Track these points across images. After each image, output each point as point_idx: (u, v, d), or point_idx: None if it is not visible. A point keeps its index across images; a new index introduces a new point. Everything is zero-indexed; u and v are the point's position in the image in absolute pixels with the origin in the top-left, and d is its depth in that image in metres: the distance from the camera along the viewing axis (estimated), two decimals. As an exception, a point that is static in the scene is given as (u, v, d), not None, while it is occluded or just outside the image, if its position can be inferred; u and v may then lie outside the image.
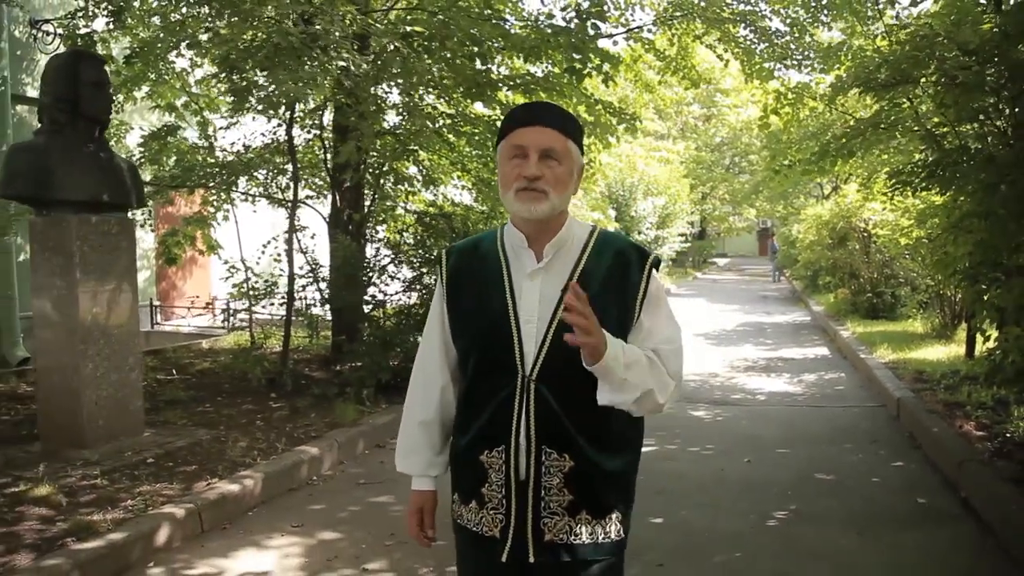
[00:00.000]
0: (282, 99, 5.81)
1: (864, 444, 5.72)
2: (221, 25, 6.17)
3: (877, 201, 11.52)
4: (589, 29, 5.92)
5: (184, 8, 6.51)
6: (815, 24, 8.67)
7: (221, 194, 8.26)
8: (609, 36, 8.24)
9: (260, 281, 7.79)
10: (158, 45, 7.20)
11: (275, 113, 6.70)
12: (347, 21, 5.52)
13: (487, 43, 5.94)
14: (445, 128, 7.07)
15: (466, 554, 1.85)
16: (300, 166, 7.64)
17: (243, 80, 6.09)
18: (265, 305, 8.08)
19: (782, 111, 9.24)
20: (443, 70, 6.08)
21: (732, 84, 27.73)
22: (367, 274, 7.36)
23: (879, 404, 7.04)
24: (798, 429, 6.20)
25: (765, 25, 8.49)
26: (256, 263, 7.81)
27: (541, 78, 6.71)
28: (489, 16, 6.11)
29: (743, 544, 3.89)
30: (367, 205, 7.97)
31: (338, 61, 5.36)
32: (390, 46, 5.64)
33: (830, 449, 5.58)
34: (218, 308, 11.44)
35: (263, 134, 7.86)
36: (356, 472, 5.09)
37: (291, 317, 7.33)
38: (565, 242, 1.76)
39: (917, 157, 6.65)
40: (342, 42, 5.38)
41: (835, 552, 3.79)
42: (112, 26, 6.93)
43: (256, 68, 5.92)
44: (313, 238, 7.80)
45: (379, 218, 8.21)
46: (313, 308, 7.66)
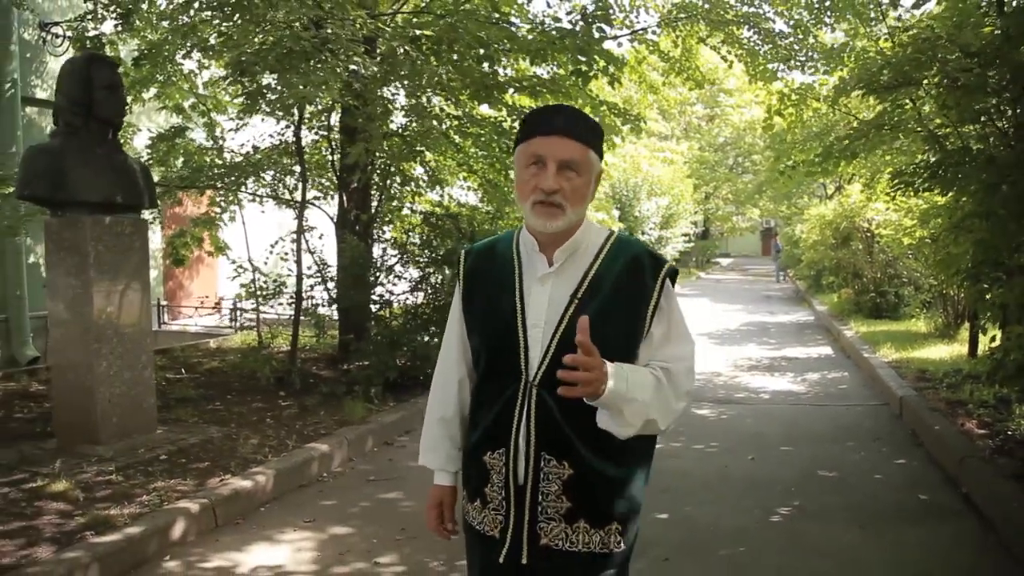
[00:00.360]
0: (293, 102, 5.88)
1: (867, 442, 5.78)
2: (230, 28, 6.24)
3: (880, 201, 11.56)
4: (594, 32, 5.98)
5: (193, 12, 6.57)
6: (818, 25, 8.72)
7: (229, 195, 8.33)
8: (614, 38, 8.31)
9: (268, 281, 7.87)
10: (166, 47, 7.29)
11: (285, 115, 6.77)
12: (357, 25, 5.59)
13: (494, 46, 6.00)
14: (452, 129, 7.14)
15: (472, 551, 1.86)
16: (307, 167, 7.72)
17: (254, 83, 6.16)
18: (273, 305, 8.15)
19: (786, 112, 9.30)
20: (450, 72, 6.14)
21: (736, 84, 27.77)
22: (374, 274, 7.44)
23: (882, 403, 7.10)
24: (801, 427, 6.25)
25: (769, 27, 8.54)
26: (264, 263, 7.88)
27: (547, 80, 6.77)
28: (496, 19, 6.17)
29: (747, 540, 3.95)
30: (374, 205, 8.05)
31: (349, 64, 5.43)
32: (400, 49, 5.70)
33: (833, 447, 5.63)
34: (225, 308, 11.53)
35: (271, 135, 7.93)
36: (365, 469, 5.16)
37: (299, 316, 7.40)
38: (578, 247, 1.73)
39: (920, 158, 6.70)
40: (351, 45, 5.45)
41: (838, 547, 3.85)
42: (120, 28, 7.01)
43: (267, 71, 5.99)
44: (321, 238, 7.87)
45: (386, 218, 8.29)
46: (320, 308, 7.72)
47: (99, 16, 7.17)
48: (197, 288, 12.28)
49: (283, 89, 5.66)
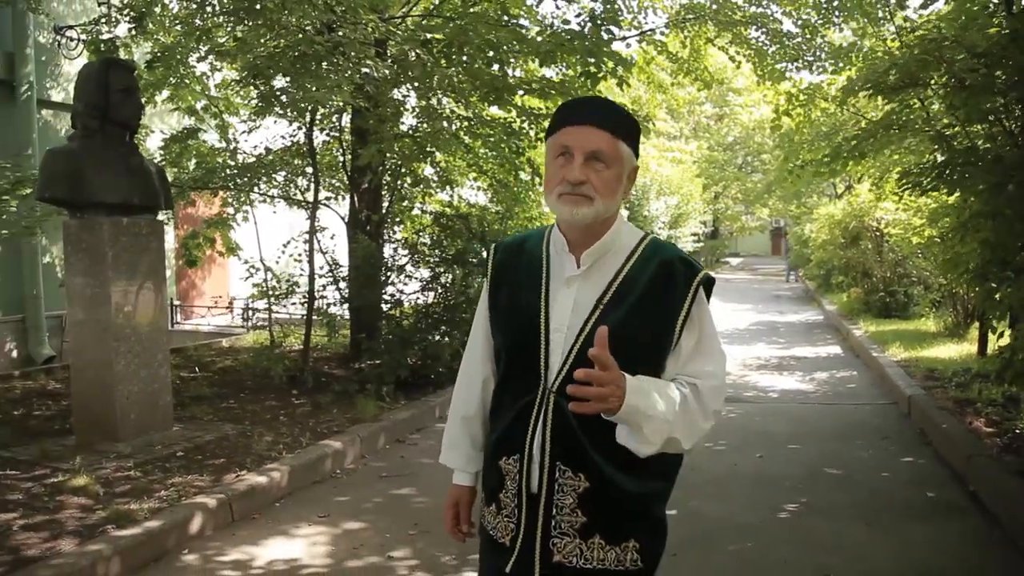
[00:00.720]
0: (307, 104, 5.96)
1: (875, 440, 5.81)
2: (243, 31, 6.32)
3: (889, 201, 11.55)
4: (603, 34, 6.04)
5: (205, 15, 6.66)
6: (827, 25, 8.74)
7: (241, 196, 8.42)
8: (622, 39, 8.35)
9: (280, 281, 7.96)
10: (179, 50, 7.38)
11: (298, 117, 6.86)
12: (369, 29, 5.66)
13: (504, 48, 6.06)
14: (461, 130, 7.20)
15: (483, 554, 1.81)
16: (319, 168, 7.80)
17: (267, 86, 6.24)
18: (284, 304, 8.24)
19: (794, 112, 9.31)
20: (460, 75, 6.20)
21: (744, 83, 27.68)
22: (385, 274, 7.52)
23: (890, 401, 7.12)
24: (810, 426, 6.29)
25: (776, 27, 8.57)
26: (276, 263, 7.97)
27: (557, 82, 6.82)
28: (506, 22, 6.23)
29: (755, 535, 4.01)
30: (385, 206, 8.12)
31: (362, 68, 5.50)
32: (411, 53, 5.77)
33: (841, 445, 5.67)
34: (237, 307, 11.62)
35: (283, 137, 8.02)
36: (378, 466, 5.23)
37: (312, 316, 7.49)
38: (608, 249, 1.65)
39: (928, 158, 6.72)
40: (363, 48, 5.52)
41: (845, 543, 3.89)
42: (134, 32, 7.11)
43: (280, 74, 6.07)
44: (332, 239, 7.95)
45: (396, 219, 8.36)
46: (332, 307, 7.81)
47: (113, 20, 7.28)
48: (209, 288, 12.39)
49: (297, 92, 5.74)
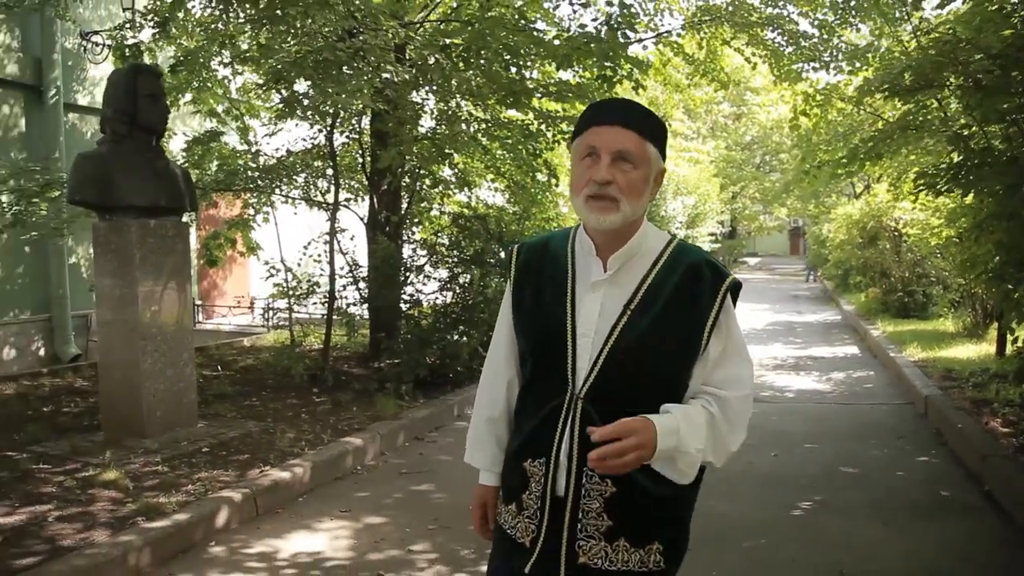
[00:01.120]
0: (329, 108, 6.07)
1: (890, 440, 5.83)
2: (267, 37, 6.45)
3: (907, 200, 11.51)
4: (619, 38, 6.10)
5: (227, 20, 6.78)
6: (843, 25, 8.74)
7: (262, 197, 8.56)
8: (639, 41, 8.39)
9: (300, 281, 8.08)
10: (201, 55, 7.53)
11: (319, 120, 6.98)
12: (389, 34, 5.76)
13: (521, 51, 6.14)
14: (479, 133, 7.29)
15: (496, 553, 1.80)
16: (339, 170, 7.91)
17: (289, 90, 6.37)
18: (305, 304, 8.37)
19: (811, 112, 9.32)
20: (478, 78, 6.29)
21: (762, 83, 27.57)
22: (404, 274, 7.62)
23: (907, 401, 7.13)
24: (826, 425, 6.32)
25: (793, 28, 8.59)
26: (297, 264, 8.10)
27: (574, 85, 6.89)
28: (523, 26, 6.31)
29: (768, 532, 4.05)
30: (404, 207, 8.23)
31: (382, 72, 5.60)
32: (430, 57, 5.87)
33: (857, 444, 5.70)
34: (258, 307, 11.78)
35: (303, 139, 8.15)
36: (398, 463, 5.33)
37: (332, 315, 7.61)
38: (634, 253, 1.64)
39: (945, 158, 6.72)
40: (383, 54, 5.62)
41: (859, 542, 3.93)
42: (158, 37, 7.26)
43: (302, 78, 6.18)
44: (352, 239, 8.07)
45: (415, 220, 8.47)
46: (351, 307, 7.92)
47: (138, 25, 7.44)
48: (230, 288, 12.57)
49: (318, 96, 5.85)
